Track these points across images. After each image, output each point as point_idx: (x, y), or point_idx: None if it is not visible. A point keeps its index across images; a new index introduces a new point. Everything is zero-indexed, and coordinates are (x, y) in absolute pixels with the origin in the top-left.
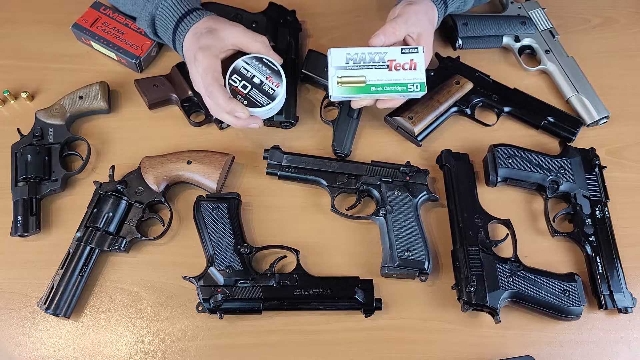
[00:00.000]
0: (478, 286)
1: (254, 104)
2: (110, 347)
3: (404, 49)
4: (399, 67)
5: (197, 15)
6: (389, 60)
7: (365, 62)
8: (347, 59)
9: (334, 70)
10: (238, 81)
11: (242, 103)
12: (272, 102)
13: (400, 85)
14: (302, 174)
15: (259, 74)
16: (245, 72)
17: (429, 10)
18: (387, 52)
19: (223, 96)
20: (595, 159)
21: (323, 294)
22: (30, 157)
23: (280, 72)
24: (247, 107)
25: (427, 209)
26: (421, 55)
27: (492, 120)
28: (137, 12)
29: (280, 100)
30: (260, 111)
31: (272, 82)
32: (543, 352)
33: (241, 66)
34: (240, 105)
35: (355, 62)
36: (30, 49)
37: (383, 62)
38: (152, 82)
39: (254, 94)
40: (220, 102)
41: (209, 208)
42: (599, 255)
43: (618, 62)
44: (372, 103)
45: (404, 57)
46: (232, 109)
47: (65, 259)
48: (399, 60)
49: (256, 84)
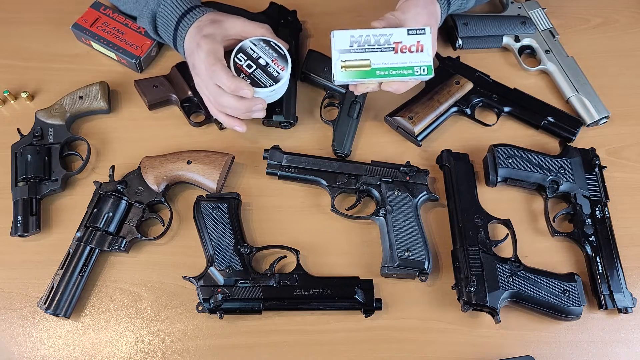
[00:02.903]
0: (478, 286)
1: (257, 84)
2: (110, 347)
3: (410, 30)
4: (405, 49)
5: (199, 11)
6: (395, 43)
7: (370, 45)
8: (351, 42)
9: (337, 53)
10: (243, 60)
11: (246, 81)
12: (276, 85)
13: (406, 68)
14: (302, 174)
15: (265, 56)
16: (251, 52)
17: (428, 4)
18: (393, 33)
19: (226, 74)
20: (595, 159)
21: (323, 294)
22: (30, 157)
23: (286, 56)
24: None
25: (427, 209)
26: (428, 37)
27: (492, 120)
28: (138, 10)
29: (284, 83)
30: (263, 92)
31: (277, 65)
32: (543, 352)
33: (248, 46)
34: (244, 83)
35: (359, 45)
36: (30, 49)
37: (389, 45)
38: (151, 82)
39: (257, 74)
40: (224, 81)
41: (209, 208)
42: (599, 255)
43: (618, 62)
44: (378, 88)
45: (410, 39)
46: (237, 87)
47: (65, 259)
48: (405, 42)
49: (261, 65)
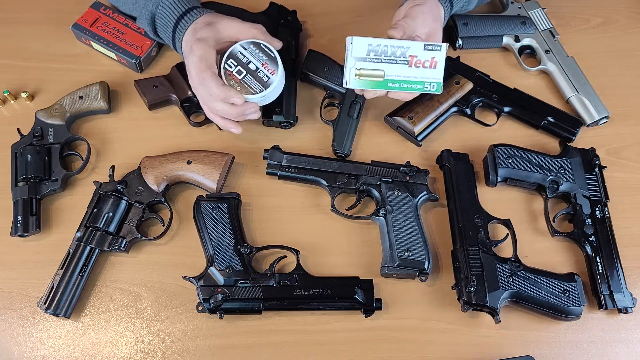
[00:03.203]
0: (478, 286)
1: (248, 91)
2: (110, 347)
3: (427, 45)
4: (419, 64)
5: (197, 12)
6: (410, 56)
7: (386, 56)
8: (369, 50)
9: (353, 60)
10: (233, 66)
11: (236, 89)
12: (266, 90)
13: (417, 83)
14: (302, 174)
15: (255, 60)
16: (241, 57)
17: (433, 8)
18: (410, 46)
19: (216, 83)
20: (595, 159)
21: (323, 294)
22: (30, 157)
23: (276, 58)
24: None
25: (427, 209)
26: (443, 54)
27: (492, 120)
28: (137, 11)
29: (275, 87)
30: (253, 98)
31: (267, 69)
32: (543, 352)
33: (238, 51)
34: (234, 91)
35: (376, 55)
36: (30, 49)
37: (404, 58)
38: (151, 82)
39: (248, 80)
40: (214, 89)
41: (209, 208)
42: (599, 255)
43: (618, 62)
44: (385, 93)
45: (426, 54)
46: (227, 96)
47: (65, 259)
48: (420, 57)
49: (251, 70)
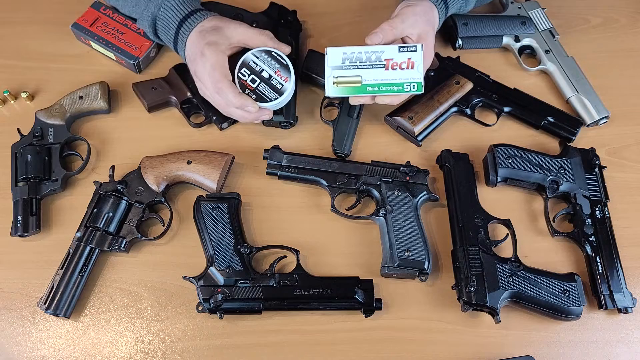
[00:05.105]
0: (478, 286)
1: (262, 99)
2: (110, 347)
3: (402, 47)
4: (395, 66)
5: (201, 15)
6: (386, 60)
7: (361, 62)
8: (344, 59)
9: (330, 70)
10: (247, 75)
11: (251, 97)
12: (280, 97)
13: (396, 85)
14: (302, 174)
15: (268, 68)
16: (254, 65)
17: (427, 10)
18: (385, 50)
19: (233, 92)
20: (595, 159)
21: (323, 294)
22: (30, 157)
23: (289, 66)
24: (256, 102)
25: (427, 209)
26: (419, 54)
27: (492, 120)
28: (137, 12)
29: (288, 94)
30: (268, 105)
31: (280, 77)
32: (543, 352)
33: (250, 59)
34: (250, 100)
35: (351, 62)
36: (30, 49)
37: (380, 62)
38: (150, 85)
39: (262, 88)
40: (230, 98)
41: (209, 208)
42: (599, 255)
43: (618, 62)
44: (371, 101)
45: (401, 56)
46: (242, 104)
47: (65, 259)
48: (396, 59)
49: (265, 78)
